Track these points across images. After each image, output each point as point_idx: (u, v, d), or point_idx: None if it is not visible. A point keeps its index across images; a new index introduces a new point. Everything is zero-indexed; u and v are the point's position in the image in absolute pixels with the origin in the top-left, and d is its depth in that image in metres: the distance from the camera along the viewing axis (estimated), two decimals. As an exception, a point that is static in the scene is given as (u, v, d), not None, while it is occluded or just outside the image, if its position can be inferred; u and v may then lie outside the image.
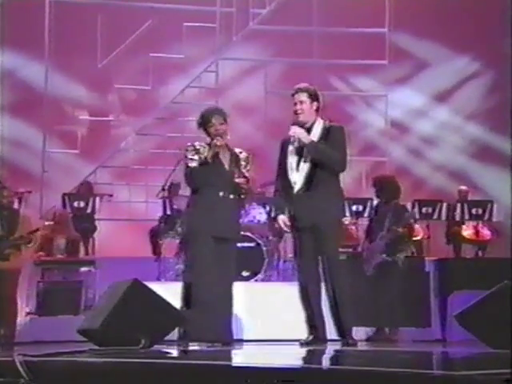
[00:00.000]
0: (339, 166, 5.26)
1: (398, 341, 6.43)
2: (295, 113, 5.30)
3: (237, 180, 5.28)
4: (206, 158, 5.25)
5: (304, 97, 5.32)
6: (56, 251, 7.88)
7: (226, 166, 5.35)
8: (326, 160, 5.21)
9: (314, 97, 5.35)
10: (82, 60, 10.39)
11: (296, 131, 5.24)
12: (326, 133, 5.29)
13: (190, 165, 5.29)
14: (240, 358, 4.32)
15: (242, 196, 5.41)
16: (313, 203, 5.20)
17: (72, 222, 8.23)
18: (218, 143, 5.26)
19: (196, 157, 5.28)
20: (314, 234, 5.24)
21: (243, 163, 5.42)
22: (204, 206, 5.26)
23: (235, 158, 5.40)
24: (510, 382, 2.68)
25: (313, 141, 5.24)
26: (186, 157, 5.34)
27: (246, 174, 5.41)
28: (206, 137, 5.43)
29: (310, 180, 5.22)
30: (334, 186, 5.31)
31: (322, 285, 5.32)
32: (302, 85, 5.41)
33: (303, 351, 4.89)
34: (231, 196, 5.32)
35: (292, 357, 4.38)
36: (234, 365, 3.65)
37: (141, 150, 10.66)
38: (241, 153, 5.46)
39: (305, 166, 5.24)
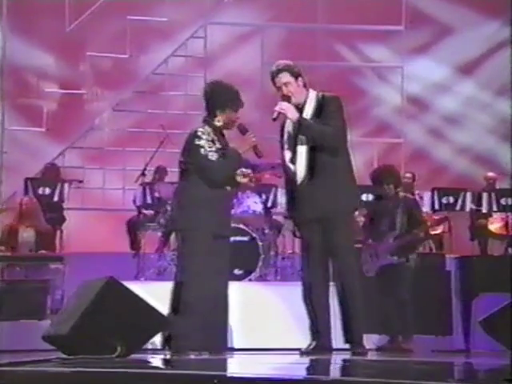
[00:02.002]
0: (331, 139, 5.25)
1: (412, 350, 6.46)
2: (284, 98, 5.32)
3: (240, 171, 5.31)
4: (220, 148, 5.25)
5: (287, 76, 5.36)
6: (23, 246, 7.87)
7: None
8: (319, 137, 5.25)
9: (296, 73, 5.38)
10: (47, 22, 10.36)
11: (283, 107, 5.27)
12: (319, 107, 5.32)
13: (210, 158, 5.24)
14: (233, 368, 4.34)
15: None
16: (318, 192, 5.24)
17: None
18: (254, 140, 5.32)
19: (214, 148, 5.27)
20: (321, 226, 5.28)
21: None
22: (208, 201, 5.27)
23: None
24: (510, 382, 2.75)
25: (301, 117, 5.28)
26: (201, 147, 5.24)
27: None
28: (207, 114, 5.40)
29: (311, 167, 5.25)
30: (341, 171, 5.34)
31: (330, 285, 5.35)
32: (280, 63, 5.44)
33: (305, 361, 4.92)
34: (228, 188, 5.37)
35: (292, 367, 4.39)
36: (228, 375, 3.67)
37: (117, 128, 10.65)
38: None
39: (303, 152, 5.26)
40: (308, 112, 5.32)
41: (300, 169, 5.28)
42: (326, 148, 5.27)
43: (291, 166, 5.32)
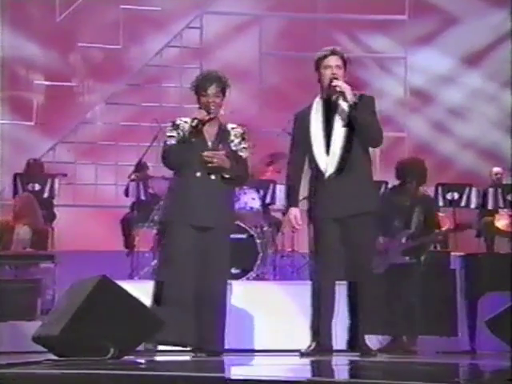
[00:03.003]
0: (380, 136, 5.38)
1: (417, 352, 6.46)
2: (331, 77, 5.31)
3: (207, 153, 5.27)
4: (184, 134, 5.30)
5: (340, 61, 5.41)
6: (18, 244, 7.85)
7: (210, 143, 5.36)
8: (368, 126, 5.30)
9: (345, 65, 5.45)
10: (36, 12, 10.34)
11: (339, 84, 5.26)
12: (358, 101, 5.35)
13: (167, 143, 5.39)
14: (230, 369, 4.34)
15: (231, 177, 5.39)
16: (348, 189, 5.27)
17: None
18: (199, 117, 5.29)
19: (174, 133, 5.36)
20: (343, 225, 5.30)
21: (236, 140, 5.43)
22: (180, 190, 5.32)
23: (223, 134, 5.40)
24: (510, 382, 2.77)
25: (355, 101, 5.28)
26: (165, 134, 5.48)
27: (241, 154, 5.42)
28: (198, 106, 5.46)
29: (344, 159, 5.26)
30: (368, 169, 5.42)
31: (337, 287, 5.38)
32: (337, 47, 5.48)
33: (306, 362, 4.93)
34: (212, 177, 5.32)
35: (293, 369, 4.40)
36: (225, 377, 3.67)
37: (110, 122, 10.65)
38: (233, 128, 5.47)
39: (339, 140, 5.26)
40: (343, 112, 5.34)
41: (333, 159, 5.27)
42: (365, 142, 5.33)
43: (324, 156, 5.29)
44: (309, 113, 5.42)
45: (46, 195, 8.47)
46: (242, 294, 6.90)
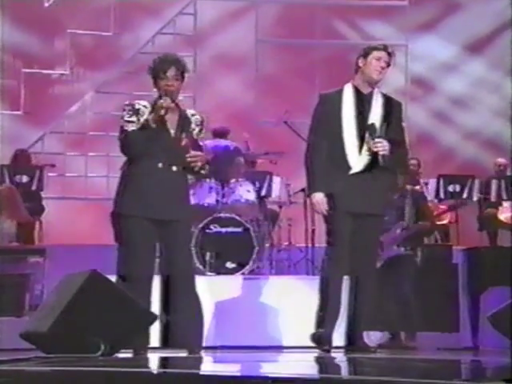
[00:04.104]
0: (405, 161, 5.73)
1: (416, 348, 6.48)
2: (378, 70, 5.45)
3: (191, 154, 5.19)
4: (147, 120, 5.18)
5: (389, 61, 5.52)
6: (3, 238, 7.84)
7: (172, 132, 5.28)
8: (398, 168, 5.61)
9: (391, 63, 5.57)
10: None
11: (384, 145, 5.31)
12: (389, 107, 5.47)
13: (126, 128, 5.23)
14: (224, 367, 4.36)
15: (197, 174, 5.36)
16: (371, 188, 5.35)
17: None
18: (165, 104, 5.20)
19: (134, 118, 5.24)
20: (364, 222, 5.36)
21: (197, 129, 5.36)
22: (138, 181, 5.21)
23: (185, 122, 5.34)
24: (509, 382, 2.79)
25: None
26: (121, 118, 5.30)
27: (200, 143, 5.38)
28: (155, 91, 5.39)
29: (373, 163, 5.33)
30: (393, 173, 5.62)
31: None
32: (391, 47, 5.61)
33: (306, 358, 4.95)
34: (174, 168, 5.23)
35: (291, 365, 4.42)
36: (219, 374, 3.68)
37: (101, 111, 10.62)
38: (193, 115, 5.40)
39: (368, 149, 5.33)
40: (377, 108, 5.43)
41: (359, 165, 5.34)
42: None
43: (355, 154, 5.34)
44: (340, 99, 5.42)
45: (34, 187, 8.46)
46: (237, 288, 6.92)
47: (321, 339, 5.30)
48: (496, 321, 5.50)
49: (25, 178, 8.40)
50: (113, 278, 5.03)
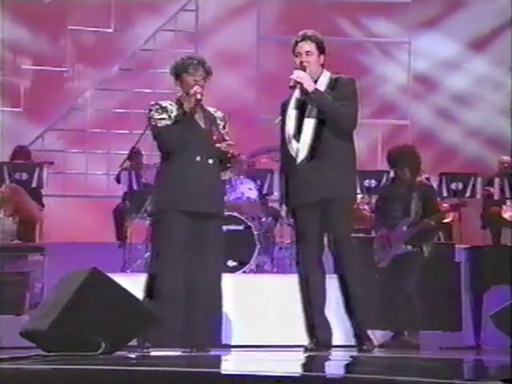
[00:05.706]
0: (348, 121, 5.35)
1: (419, 347, 6.48)
2: (300, 67, 5.36)
3: (219, 144, 5.30)
4: (178, 115, 5.29)
5: (312, 47, 5.42)
6: (4, 236, 7.84)
7: (202, 125, 5.37)
8: (332, 113, 5.30)
9: (322, 48, 5.46)
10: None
11: (300, 75, 5.29)
12: (334, 84, 5.38)
13: (159, 125, 5.32)
14: (226, 365, 4.36)
15: (228, 164, 5.43)
16: (320, 174, 5.28)
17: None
18: (199, 90, 5.28)
19: (165, 115, 5.33)
20: (320, 211, 5.30)
21: (220, 123, 5.45)
22: (176, 175, 5.29)
23: (211, 117, 5.43)
24: (509, 382, 2.80)
25: (317, 89, 5.32)
26: (151, 118, 5.39)
27: (226, 137, 5.43)
28: (178, 90, 5.45)
29: (315, 146, 5.27)
30: (345, 157, 5.39)
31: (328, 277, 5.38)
32: (310, 31, 5.49)
33: (307, 357, 4.94)
34: (210, 161, 5.33)
35: (292, 364, 4.42)
36: (222, 372, 3.68)
37: (101, 108, 10.64)
38: (215, 111, 5.50)
39: (310, 127, 5.27)
40: (321, 86, 5.36)
41: (303, 146, 5.29)
42: (335, 128, 5.31)
43: (294, 142, 5.32)
44: (288, 101, 5.45)
45: (33, 184, 8.45)
46: (239, 287, 6.91)
47: (318, 348, 5.28)
48: (499, 320, 5.51)
49: (24, 176, 8.40)
50: (114, 277, 5.03)
